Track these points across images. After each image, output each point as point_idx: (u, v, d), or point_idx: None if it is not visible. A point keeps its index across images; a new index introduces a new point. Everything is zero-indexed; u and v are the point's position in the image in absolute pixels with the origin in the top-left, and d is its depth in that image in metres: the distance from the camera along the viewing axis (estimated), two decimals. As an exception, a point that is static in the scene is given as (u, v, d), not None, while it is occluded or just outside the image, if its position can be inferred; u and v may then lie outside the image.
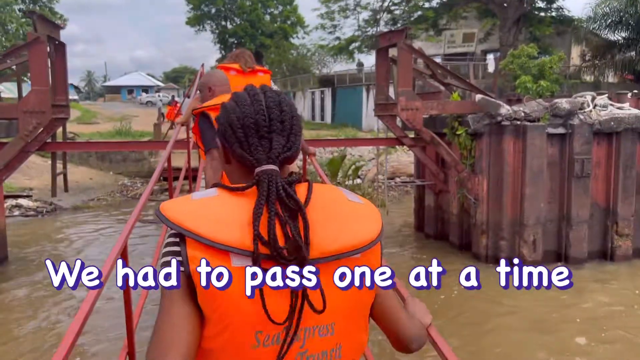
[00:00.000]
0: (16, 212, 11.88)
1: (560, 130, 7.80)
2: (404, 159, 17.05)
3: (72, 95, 56.15)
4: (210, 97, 2.70)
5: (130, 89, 72.46)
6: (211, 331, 0.92)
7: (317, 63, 45.24)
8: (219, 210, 0.94)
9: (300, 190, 0.98)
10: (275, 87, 1.25)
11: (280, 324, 0.90)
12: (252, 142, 0.99)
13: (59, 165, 9.93)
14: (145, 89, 69.99)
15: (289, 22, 48.65)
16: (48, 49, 6.95)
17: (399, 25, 29.03)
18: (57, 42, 7.17)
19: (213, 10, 48.44)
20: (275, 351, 0.93)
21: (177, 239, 0.93)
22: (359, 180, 15.15)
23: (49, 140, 7.72)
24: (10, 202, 12.18)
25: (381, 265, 1.05)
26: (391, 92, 9.03)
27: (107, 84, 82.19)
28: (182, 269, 0.92)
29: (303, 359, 0.95)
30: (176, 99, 26.60)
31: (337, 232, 0.96)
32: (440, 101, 8.03)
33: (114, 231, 10.70)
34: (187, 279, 0.91)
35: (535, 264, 7.82)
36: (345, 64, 42.41)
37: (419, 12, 28.04)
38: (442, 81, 8.28)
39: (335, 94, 29.83)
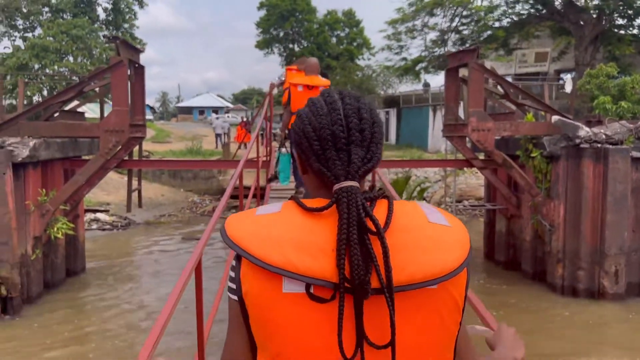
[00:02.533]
0: (94, 226, 12.54)
1: (647, 153, 7.26)
2: (472, 181, 16.55)
3: (148, 115, 59.02)
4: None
5: (202, 110, 75.50)
6: (263, 356, 0.88)
7: (382, 84, 45.26)
8: (278, 229, 0.87)
9: (380, 210, 0.89)
10: None
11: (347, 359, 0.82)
12: (330, 155, 0.91)
13: (134, 182, 10.40)
14: (215, 110, 72.67)
15: (354, 44, 49.16)
16: (129, 71, 7.35)
17: (467, 45, 28.54)
18: (136, 65, 7.57)
19: (281, 34, 49.88)
20: None
21: (236, 259, 0.90)
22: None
23: (126, 157, 8.12)
24: (89, 215, 12.90)
25: (465, 303, 0.92)
26: (461, 112, 8.80)
27: (180, 104, 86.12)
28: (234, 296, 0.89)
29: None
30: (244, 119, 27.23)
31: (414, 258, 0.85)
32: (513, 122, 7.71)
33: (184, 247, 11.04)
34: (241, 303, 0.88)
35: (617, 297, 7.25)
36: (411, 84, 42.16)
37: (489, 32, 27.43)
38: (515, 101, 7.96)
39: (400, 115, 29.62)
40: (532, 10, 26.66)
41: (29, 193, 6.72)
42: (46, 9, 38.96)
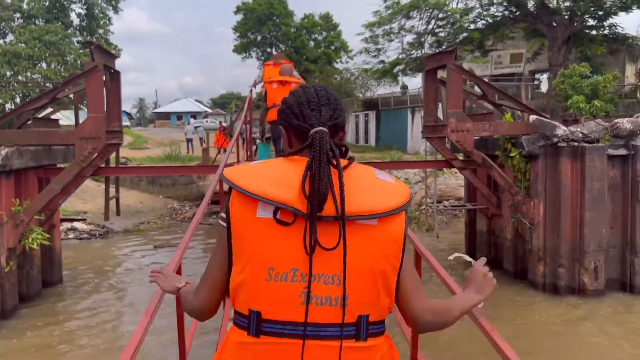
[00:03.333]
0: (71, 235, 12.28)
1: (622, 151, 7.39)
2: (451, 182, 16.67)
3: (125, 122, 58.41)
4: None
5: (180, 115, 74.78)
6: (237, 269, 1.19)
7: (361, 87, 45.43)
8: (262, 171, 1.20)
9: (343, 163, 1.20)
10: None
11: (307, 254, 1.13)
12: (306, 113, 1.25)
13: (112, 190, 10.19)
14: (194, 115, 72.08)
15: (332, 48, 49.29)
16: (104, 77, 7.20)
17: (444, 47, 28.83)
18: (112, 71, 7.42)
19: (259, 38, 49.72)
20: (283, 287, 1.15)
21: (228, 192, 1.19)
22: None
23: (103, 165, 7.95)
24: (65, 225, 12.61)
25: (404, 241, 1.21)
26: (440, 114, 8.85)
27: (157, 110, 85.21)
28: (225, 223, 1.21)
29: (308, 297, 1.15)
30: (223, 123, 27.27)
31: (362, 199, 1.16)
32: (492, 122, 7.78)
33: (163, 254, 10.87)
34: (228, 229, 1.19)
35: (597, 293, 7.35)
36: (389, 87, 42.41)
37: (464, 34, 27.76)
38: (493, 102, 8.03)
39: (379, 117, 29.76)
40: (506, 13, 27.06)
41: (1, 203, 6.52)
42: (18, 15, 38.17)
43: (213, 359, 1.29)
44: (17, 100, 32.29)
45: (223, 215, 1.21)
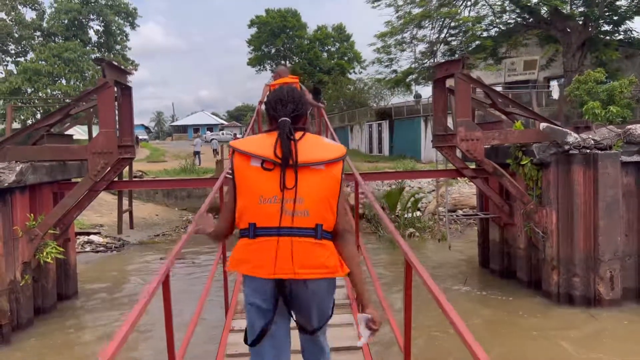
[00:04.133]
0: (88, 248, 12.44)
1: (636, 157, 7.27)
2: (465, 190, 16.54)
3: (143, 135, 59.18)
4: None
5: (196, 128, 75.67)
6: (240, 199, 2.07)
7: (374, 96, 45.49)
8: (252, 140, 2.15)
9: (299, 134, 2.09)
10: (304, 89, 3.73)
11: (281, 190, 2.03)
12: (278, 108, 2.14)
13: (126, 203, 10.33)
14: (210, 128, 72.89)
15: (345, 58, 49.51)
16: (115, 93, 7.34)
17: (456, 55, 28.70)
18: (124, 86, 7.56)
19: (273, 51, 50.21)
20: (269, 207, 2.02)
21: (232, 155, 2.12)
22: (418, 213, 14.79)
23: (116, 179, 8.08)
24: (82, 238, 12.80)
25: (341, 180, 2.10)
26: (450, 122, 8.83)
27: (175, 123, 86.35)
28: (231, 169, 2.11)
29: (282, 211, 2.01)
30: (238, 135, 27.63)
31: (312, 154, 2.06)
32: (502, 131, 7.72)
33: (178, 266, 10.96)
34: (233, 179, 2.09)
35: (614, 303, 7.20)
36: (402, 96, 42.36)
37: (477, 42, 27.65)
38: (503, 110, 7.98)
39: (392, 126, 29.72)
40: (519, 20, 26.92)
41: (16, 218, 6.66)
42: (38, 33, 39.17)
43: (229, 259, 2.16)
44: (38, 116, 33.03)
45: (229, 171, 2.14)
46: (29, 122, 31.43)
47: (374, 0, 28.55)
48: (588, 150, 7.18)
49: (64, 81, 35.17)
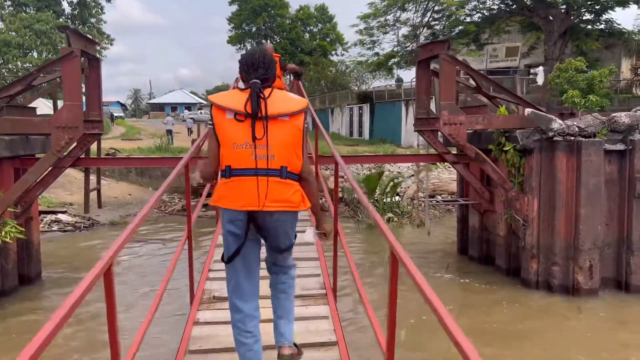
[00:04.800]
0: (55, 227, 11.96)
1: (620, 146, 7.16)
2: (445, 176, 16.45)
3: (118, 112, 57.87)
4: None
5: (174, 106, 74.31)
6: (222, 146, 2.46)
7: (356, 79, 45.13)
8: (228, 95, 2.52)
9: (268, 91, 2.48)
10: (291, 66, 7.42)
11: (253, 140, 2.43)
12: (250, 70, 2.50)
13: (94, 182, 9.87)
14: (188, 107, 71.65)
15: (327, 40, 48.89)
16: (83, 63, 6.89)
17: (439, 39, 28.44)
18: (91, 57, 7.11)
19: (254, 29, 49.23)
20: (241, 152, 2.43)
21: (210, 109, 2.50)
22: (397, 198, 14.64)
23: (83, 155, 7.66)
24: (49, 217, 12.31)
25: (303, 129, 2.52)
26: (432, 106, 8.60)
27: (152, 101, 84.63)
28: (211, 121, 2.50)
29: (253, 155, 2.42)
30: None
31: (278, 107, 2.45)
32: (486, 115, 7.52)
33: (148, 249, 10.60)
34: (213, 129, 2.49)
35: (592, 292, 7.15)
36: (384, 80, 42.08)
37: (460, 27, 27.46)
38: (487, 94, 7.77)
39: (373, 110, 29.46)
40: (502, 6, 26.79)
41: (-28, 195, 6.23)
42: (8, 2, 37.58)
43: (212, 197, 2.60)
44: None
45: (209, 123, 2.54)
46: (-2, 95, 30.28)
47: (358, -20, 28.08)
48: (572, 138, 7.04)
49: (35, 54, 33.91)
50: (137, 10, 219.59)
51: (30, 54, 33.94)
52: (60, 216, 12.66)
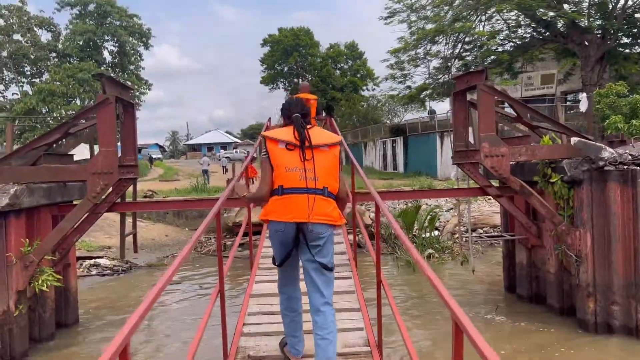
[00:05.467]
0: (94, 271, 12.02)
1: (678, 174, 6.66)
2: (485, 209, 15.90)
3: (157, 154, 59.62)
4: None
5: (210, 146, 75.98)
6: (275, 169, 3.08)
7: (388, 113, 45.09)
8: (278, 131, 3.22)
9: (308, 127, 3.15)
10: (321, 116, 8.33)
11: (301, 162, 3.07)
12: (291, 108, 3.26)
13: (130, 226, 9.88)
14: (224, 146, 73.10)
15: (358, 76, 49.33)
16: (118, 109, 6.96)
17: (471, 70, 28.09)
18: (126, 103, 7.18)
19: (285, 69, 50.22)
20: (292, 174, 3.05)
21: (264, 141, 3.20)
22: (437, 232, 14.17)
23: (119, 200, 7.66)
24: (88, 261, 12.41)
25: (340, 157, 3.18)
26: (471, 138, 8.31)
27: (189, 142, 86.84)
28: (265, 151, 3.15)
29: (302, 177, 3.04)
30: (253, 154, 27.32)
31: (319, 139, 3.12)
32: (529, 146, 7.17)
33: (182, 289, 10.48)
34: (268, 158, 3.11)
35: (658, 333, 6.54)
36: (416, 112, 41.87)
37: (492, 57, 27.16)
38: (529, 124, 7.44)
39: (407, 143, 29.18)
40: (534, 34, 26.44)
41: (10, 244, 6.24)
42: (53, 54, 39.55)
43: (261, 212, 3.15)
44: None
45: (264, 153, 3.10)
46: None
47: (387, 17, 28.33)
48: (625, 167, 6.60)
49: (78, 101, 35.30)
50: (174, 57, 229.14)
51: (73, 101, 35.37)
52: (99, 260, 12.75)
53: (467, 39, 27.39)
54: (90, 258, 10.54)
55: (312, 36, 49.20)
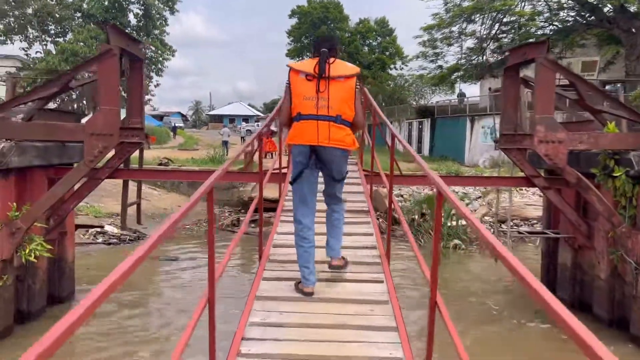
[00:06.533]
0: (100, 239, 11.44)
1: None
2: (516, 199, 14.88)
3: (179, 123, 59.45)
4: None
5: (232, 118, 75.42)
6: (294, 98, 3.45)
7: (415, 94, 43.73)
8: (302, 63, 3.48)
9: (332, 60, 3.42)
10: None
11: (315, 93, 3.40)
12: (319, 43, 3.50)
13: (134, 194, 9.15)
14: (246, 119, 72.45)
15: (387, 53, 47.79)
16: (123, 64, 6.16)
17: (507, 53, 26.71)
18: (135, 58, 6.37)
19: (312, 41, 48.81)
20: (309, 102, 3.37)
21: (289, 72, 3.56)
22: (462, 222, 13.25)
23: (122, 166, 6.94)
24: (95, 228, 11.84)
25: (355, 88, 3.43)
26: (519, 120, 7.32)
27: (211, 113, 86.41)
28: (288, 81, 3.53)
29: (318, 105, 3.36)
30: (273, 128, 26.36)
31: (337, 71, 3.37)
32: (591, 133, 6.19)
33: (191, 266, 9.82)
34: (288, 85, 3.50)
35: None
36: (444, 95, 40.41)
37: (531, 40, 25.65)
38: (592, 108, 6.44)
39: (434, 126, 28.00)
40: (578, 18, 24.87)
41: (-5, 207, 5.57)
42: (78, 14, 38.92)
43: (288, 135, 3.53)
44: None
45: (286, 82, 3.50)
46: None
47: (423, -10, 26.92)
48: None
49: (100, 63, 34.79)
50: (201, 26, 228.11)
51: (95, 63, 34.89)
52: (107, 227, 12.17)
53: (505, 20, 25.93)
54: (91, 227, 9.83)
55: (342, 9, 47.68)
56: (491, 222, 13.01)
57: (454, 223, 12.70)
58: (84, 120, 7.34)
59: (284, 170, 7.07)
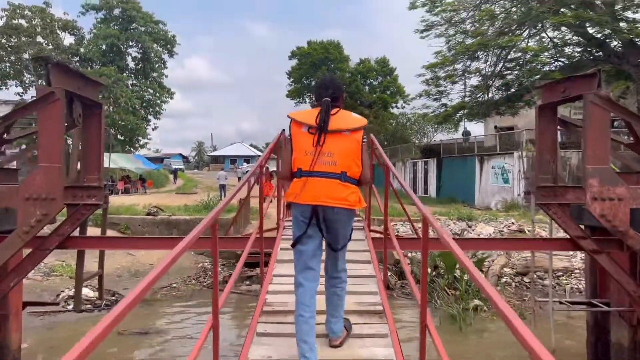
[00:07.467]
0: (70, 306, 10.06)
1: None
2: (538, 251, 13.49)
3: (179, 165, 58.77)
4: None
5: (233, 159, 74.90)
6: (294, 152, 3.18)
7: (417, 132, 42.92)
8: (304, 114, 3.24)
9: (335, 110, 3.19)
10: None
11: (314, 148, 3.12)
12: (321, 91, 3.25)
13: (91, 265, 7.82)
14: (247, 159, 71.85)
15: (388, 92, 47.29)
16: (75, 111, 5.00)
17: (512, 90, 25.82)
18: (89, 102, 5.21)
19: (313, 83, 48.50)
20: (311, 157, 3.10)
21: (290, 123, 3.26)
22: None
23: (77, 233, 5.68)
24: (66, 292, 10.51)
25: (362, 142, 3.17)
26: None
27: (213, 153, 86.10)
28: (289, 133, 3.25)
29: (320, 161, 3.09)
30: (272, 169, 25.14)
31: (341, 124, 3.14)
32: (659, 187, 4.95)
33: (166, 342, 8.41)
34: (290, 139, 3.24)
35: None
36: (446, 133, 39.50)
37: (537, 76, 24.82)
38: (652, 154, 5.23)
39: (441, 165, 26.86)
40: (585, 54, 24.19)
41: None
42: (76, 58, 38.62)
43: (288, 189, 3.25)
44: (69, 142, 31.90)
45: (287, 134, 3.28)
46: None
47: (423, 30, 26.37)
48: None
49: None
50: (204, 70, 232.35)
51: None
52: (85, 290, 10.81)
53: (509, 56, 25.22)
54: (41, 304, 8.01)
55: (342, 50, 47.50)
56: (527, 284, 11.66)
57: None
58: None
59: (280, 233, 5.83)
